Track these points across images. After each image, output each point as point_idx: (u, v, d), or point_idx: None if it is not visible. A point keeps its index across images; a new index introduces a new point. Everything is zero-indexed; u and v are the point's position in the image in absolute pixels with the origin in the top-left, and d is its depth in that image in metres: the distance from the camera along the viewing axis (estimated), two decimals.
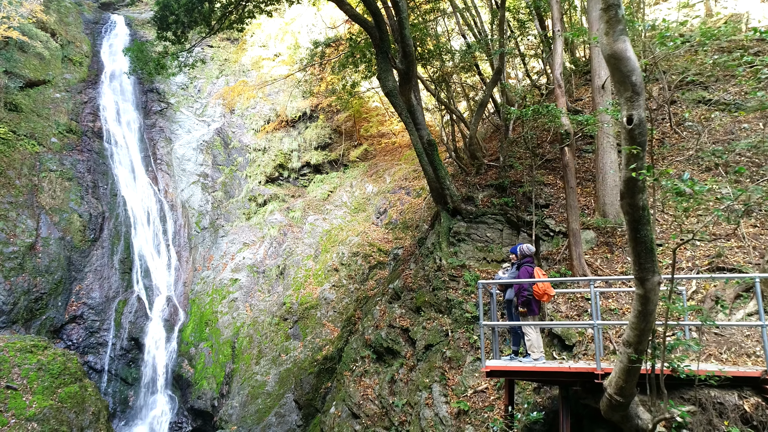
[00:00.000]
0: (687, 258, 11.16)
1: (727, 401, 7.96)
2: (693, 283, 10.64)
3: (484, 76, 19.37)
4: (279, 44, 36.81)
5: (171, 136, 35.23)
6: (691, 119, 16.13)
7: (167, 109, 36.18)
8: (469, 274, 14.44)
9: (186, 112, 36.44)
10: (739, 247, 11.12)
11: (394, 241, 25.62)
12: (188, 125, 35.85)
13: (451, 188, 15.27)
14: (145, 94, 36.06)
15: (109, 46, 36.38)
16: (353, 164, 33.38)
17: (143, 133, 34.58)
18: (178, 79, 36.84)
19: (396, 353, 15.06)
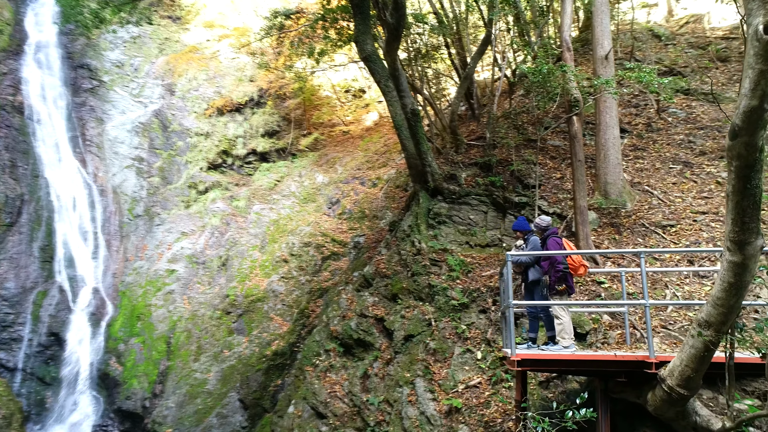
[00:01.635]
0: (706, 240, 10.04)
1: None
2: (719, 264, 9.49)
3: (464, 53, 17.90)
4: (227, 21, 34.02)
5: (103, 116, 31.69)
6: (675, 106, 15.33)
7: (99, 87, 32.55)
8: (453, 259, 12.82)
9: (121, 92, 32.94)
10: None
11: (349, 231, 23.73)
12: (123, 105, 32.40)
13: (433, 165, 13.62)
14: (75, 70, 32.30)
15: (34, 15, 32.41)
16: (302, 153, 31.15)
17: (71, 111, 30.86)
18: (112, 55, 33.42)
19: (369, 345, 13.18)
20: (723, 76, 17.14)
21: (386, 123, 30.91)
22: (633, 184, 12.03)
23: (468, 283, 12.25)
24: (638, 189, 11.96)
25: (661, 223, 10.65)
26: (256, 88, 31.79)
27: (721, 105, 15.41)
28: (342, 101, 33.18)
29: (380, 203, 23.10)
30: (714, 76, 17.02)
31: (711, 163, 12.71)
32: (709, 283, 9.19)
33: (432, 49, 19.02)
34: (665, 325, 8.55)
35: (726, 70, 17.61)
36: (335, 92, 33.10)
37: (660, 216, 10.88)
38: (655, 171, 12.69)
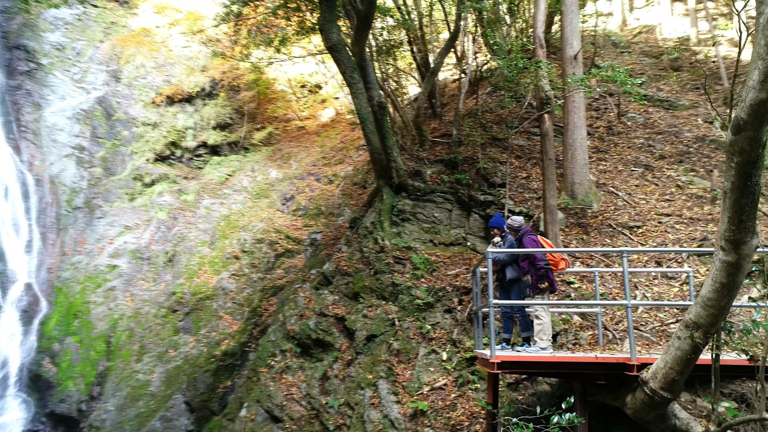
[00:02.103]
0: (672, 241, 10.05)
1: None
2: (684, 265, 9.50)
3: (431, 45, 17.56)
4: (179, 5, 32.59)
5: (41, 101, 29.70)
6: (633, 111, 15.53)
7: (37, 70, 30.50)
8: (418, 257, 12.43)
9: (61, 76, 30.95)
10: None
11: (304, 228, 23.04)
12: (63, 91, 30.46)
13: (398, 161, 13.20)
14: (10, 51, 30.13)
15: None
16: (256, 148, 30.14)
17: (5, 94, 28.78)
18: (52, 37, 31.44)
19: (328, 346, 12.62)
20: (676, 84, 17.55)
21: (343, 120, 30.34)
22: (598, 185, 12.00)
23: (433, 282, 11.89)
24: (603, 190, 11.94)
25: (627, 224, 10.63)
26: (209, 79, 30.56)
27: (676, 112, 15.74)
28: (298, 96, 32.35)
29: (337, 200, 22.52)
30: (668, 84, 17.39)
31: (671, 167, 12.87)
32: (677, 285, 9.17)
33: (394, 46, 18.65)
34: (637, 327, 8.44)
35: (679, 78, 18.05)
36: (291, 87, 32.23)
37: (626, 217, 10.86)
38: (618, 173, 12.73)
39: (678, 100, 16.24)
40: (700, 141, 13.79)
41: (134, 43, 31.52)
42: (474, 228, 13.03)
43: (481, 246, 12.89)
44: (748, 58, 4.93)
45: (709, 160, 13.02)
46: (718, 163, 12.81)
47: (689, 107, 15.91)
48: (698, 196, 11.51)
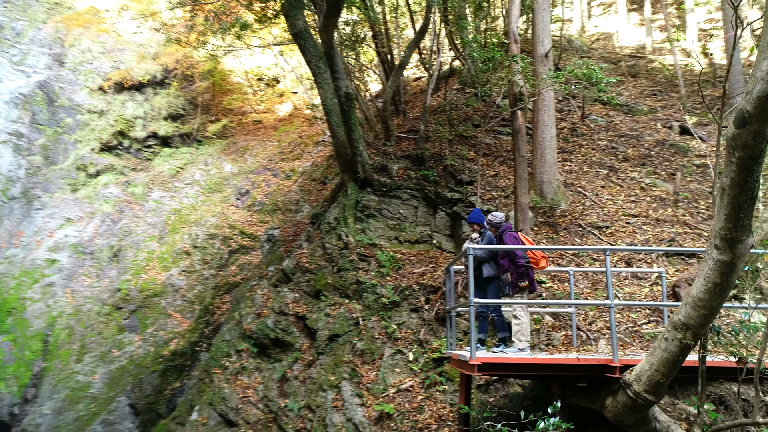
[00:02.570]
0: (641, 242, 9.99)
1: (752, 397, 6.60)
2: (654, 266, 9.44)
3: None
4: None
5: None
6: (595, 114, 15.62)
7: None
8: (383, 254, 11.99)
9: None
10: (686, 232, 10.25)
11: (260, 224, 22.25)
12: (0, 73, 28.51)
13: (364, 155, 12.73)
14: None
15: None
16: (209, 140, 28.99)
17: None
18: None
19: (288, 346, 12.01)
20: (635, 89, 17.82)
21: (301, 115, 29.59)
22: (566, 184, 11.91)
23: (399, 280, 11.48)
24: (571, 190, 11.84)
25: (596, 224, 10.54)
26: (161, 67, 29.18)
27: (635, 116, 15.93)
28: (255, 89, 31.37)
29: (295, 196, 21.83)
30: (627, 89, 17.64)
31: (634, 169, 12.94)
32: (647, 285, 9.09)
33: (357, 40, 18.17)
34: (610, 327, 8.26)
35: (636, 84, 18.35)
36: (248, 79, 31.21)
37: (595, 217, 10.78)
38: (584, 174, 12.68)
39: (637, 105, 16.47)
40: (660, 145, 13.96)
41: (80, 25, 29.75)
42: (440, 226, 12.71)
43: (447, 244, 12.58)
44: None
45: (669, 163, 13.18)
46: (678, 166, 12.97)
47: (648, 112, 16.15)
48: (662, 198, 11.57)
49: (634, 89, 17.54)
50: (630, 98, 16.77)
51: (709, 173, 12.82)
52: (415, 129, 14.12)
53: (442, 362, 9.96)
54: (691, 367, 6.08)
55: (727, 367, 6.37)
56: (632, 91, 17.39)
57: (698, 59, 16.14)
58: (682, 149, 13.81)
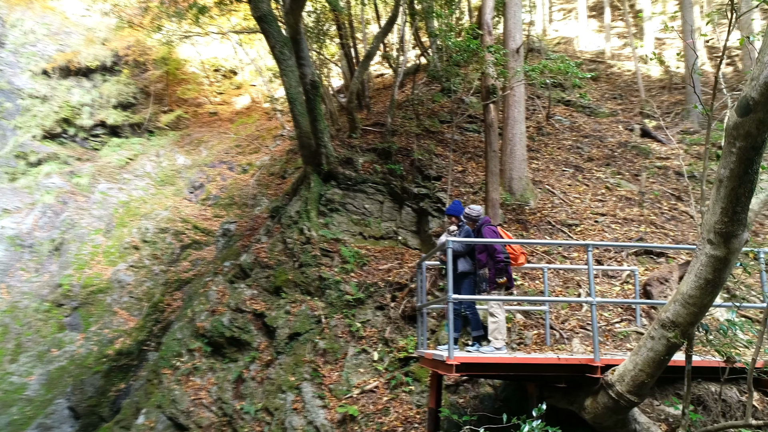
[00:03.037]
0: (611, 240, 9.85)
1: (729, 397, 6.45)
2: (624, 265, 9.30)
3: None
4: None
5: None
6: (559, 114, 15.58)
7: None
8: (347, 250, 11.47)
9: None
10: (653, 232, 10.20)
11: (214, 218, 21.31)
12: None
13: (329, 147, 12.18)
14: None
15: None
16: (162, 131, 27.68)
17: None
18: None
19: (244, 345, 11.32)
20: (597, 92, 17.95)
21: (260, 108, 28.68)
22: (534, 182, 11.71)
23: (364, 276, 10.99)
24: (539, 188, 11.66)
25: (566, 222, 10.36)
26: (111, 53, 27.69)
27: (597, 118, 15.99)
28: (211, 80, 30.22)
29: (252, 190, 21.00)
30: (589, 92, 17.73)
31: (599, 169, 12.89)
32: (618, 284, 8.93)
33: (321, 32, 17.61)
34: (583, 326, 8.05)
35: (598, 87, 18.50)
36: (204, 69, 30.04)
37: (564, 215, 10.60)
38: (551, 172, 12.54)
39: (599, 107, 16.56)
40: (623, 146, 14.01)
41: (22, 5, 27.87)
42: (406, 222, 12.30)
43: (413, 241, 12.18)
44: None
45: (632, 164, 13.21)
46: (641, 168, 13.02)
47: (609, 114, 16.25)
48: (627, 198, 11.54)
49: (595, 92, 17.66)
50: (592, 100, 16.85)
51: (671, 175, 12.93)
52: (381, 122, 13.67)
53: (409, 362, 9.54)
54: (671, 366, 5.84)
55: (705, 367, 6.21)
56: (594, 93, 17.49)
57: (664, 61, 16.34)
58: (644, 151, 13.89)
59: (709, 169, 11.85)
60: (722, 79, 14.41)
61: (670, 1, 25.76)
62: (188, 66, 30.26)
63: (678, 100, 17.19)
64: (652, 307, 8.24)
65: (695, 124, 15.42)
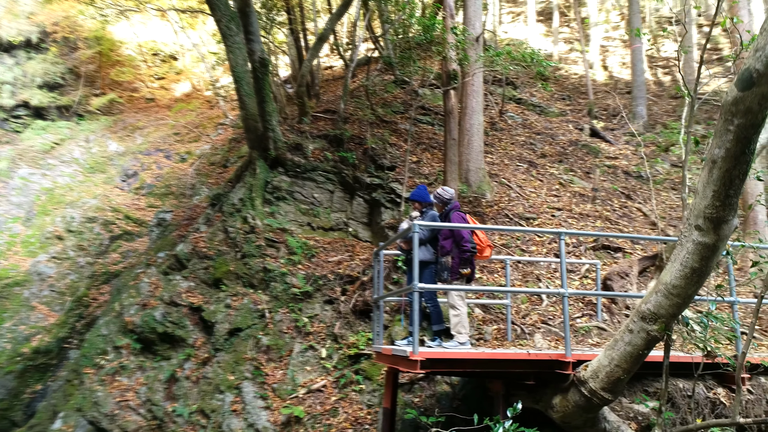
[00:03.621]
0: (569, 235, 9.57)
1: (697, 393, 6.19)
2: (583, 259, 9.02)
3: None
4: None
5: None
6: (512, 111, 15.38)
7: None
8: (294, 240, 10.69)
9: None
10: (609, 227, 10.02)
11: (148, 208, 19.87)
12: None
13: (277, 131, 11.35)
14: None
15: None
16: (93, 115, 25.74)
17: None
18: None
19: (179, 341, 10.30)
20: (546, 92, 17.95)
21: (201, 96, 27.22)
22: (490, 175, 11.33)
23: (312, 269, 10.24)
24: (495, 180, 11.30)
25: (524, 216, 10.02)
26: (37, 28, 25.51)
27: (548, 117, 15.93)
28: (149, 64, 28.42)
29: (191, 180, 19.71)
30: (539, 92, 17.71)
31: (552, 165, 12.72)
32: (577, 278, 8.64)
33: (270, 20, 16.68)
34: (545, 321, 7.67)
35: (549, 89, 18.52)
36: (141, 53, 28.21)
37: (521, 208, 10.26)
38: (505, 166, 12.23)
39: (549, 107, 16.52)
40: (573, 145, 13.94)
41: None
42: (357, 213, 11.65)
43: (364, 233, 11.55)
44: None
45: (583, 162, 13.14)
46: (592, 166, 12.95)
47: (559, 114, 16.23)
48: (581, 194, 11.37)
49: (545, 92, 17.64)
50: (542, 100, 16.79)
51: (620, 174, 12.94)
52: (333, 110, 12.96)
53: (359, 359, 8.89)
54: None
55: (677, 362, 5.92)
56: (544, 94, 17.47)
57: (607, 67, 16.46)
58: (594, 150, 13.88)
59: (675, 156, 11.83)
60: (659, 89, 14.39)
61: (613, 11, 26.44)
62: (124, 48, 28.34)
63: (623, 103, 17.43)
64: (613, 302, 7.98)
65: (641, 126, 15.62)
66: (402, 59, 11.69)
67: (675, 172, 13.55)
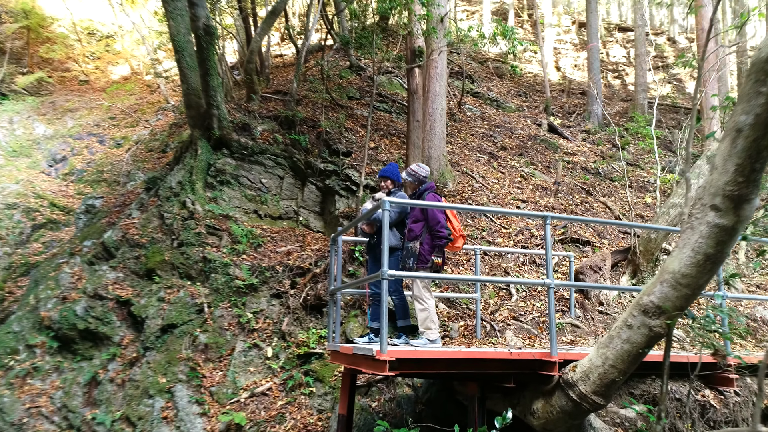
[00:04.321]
0: (535, 227, 8.93)
1: (684, 396, 5.61)
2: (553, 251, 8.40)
3: None
4: None
5: None
6: (470, 104, 14.79)
7: None
8: (239, 228, 9.58)
9: None
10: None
11: (77, 195, 18.10)
12: None
13: (222, 108, 10.20)
14: None
15: None
16: (18, 95, 23.45)
17: None
18: None
19: (103, 339, 8.98)
20: (503, 88, 17.52)
21: (141, 80, 25.36)
22: (452, 164, 10.61)
23: (258, 259, 9.18)
24: (457, 170, 10.58)
25: (488, 206, 9.33)
26: None
27: (505, 112, 15.45)
28: (84, 44, 26.24)
29: (126, 166, 18.08)
30: (496, 87, 17.25)
31: (513, 158, 12.18)
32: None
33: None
34: (516, 317, 6.97)
35: (503, 84, 18.11)
36: (76, 32, 26.01)
37: (485, 199, 9.58)
38: (466, 157, 11.56)
39: (506, 102, 16.06)
40: (532, 139, 13.48)
41: None
42: (309, 201, 10.66)
43: (316, 222, 10.57)
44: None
45: (543, 156, 12.68)
46: (552, 160, 12.50)
47: (516, 110, 15.79)
48: (543, 187, 10.84)
49: (502, 88, 17.20)
50: (499, 95, 16.32)
51: (578, 170, 12.55)
52: (284, 91, 11.91)
53: (309, 359, 7.93)
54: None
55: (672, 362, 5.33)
56: (500, 89, 17.01)
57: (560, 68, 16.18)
58: (552, 145, 13.45)
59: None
60: (609, 91, 13.92)
61: (564, 14, 26.54)
62: (56, 25, 26.08)
63: (577, 103, 17.22)
64: (586, 297, 7.38)
65: (595, 125, 15.39)
66: (360, 39, 10.79)
67: (631, 170, 13.32)
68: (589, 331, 6.80)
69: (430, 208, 5.39)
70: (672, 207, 7.43)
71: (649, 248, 7.48)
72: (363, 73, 13.90)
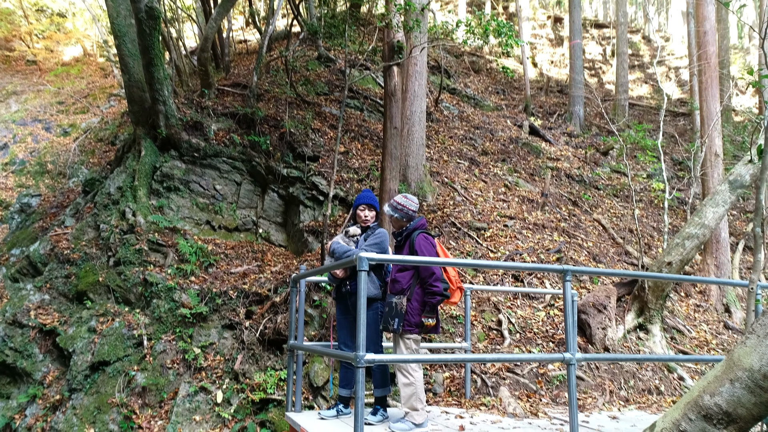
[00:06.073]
0: (525, 250, 7.75)
1: None
2: (546, 283, 7.24)
3: None
4: None
5: None
6: (447, 102, 13.51)
7: None
8: (187, 244, 8.10)
9: None
10: (569, 242, 8.34)
11: (16, 188, 16.12)
12: None
13: (170, 103, 8.64)
14: None
15: None
16: None
17: None
18: None
19: (21, 376, 7.45)
20: (480, 84, 16.31)
21: (93, 62, 23.18)
22: (431, 173, 9.35)
23: (209, 282, 7.76)
24: (437, 180, 9.32)
25: (473, 225, 8.11)
26: None
27: (484, 111, 14.27)
28: (31, 21, 23.77)
29: (72, 157, 16.19)
30: (473, 83, 16.02)
31: (495, 164, 10.99)
32: (542, 307, 6.84)
33: None
34: (510, 369, 5.80)
35: (480, 80, 16.90)
36: (22, 7, 23.52)
37: (469, 216, 8.35)
38: (445, 163, 10.32)
39: (484, 100, 14.86)
40: (514, 142, 12.33)
41: None
42: (270, 211, 9.25)
43: (278, 235, 9.18)
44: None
45: (527, 162, 11.54)
46: (535, 166, 11.37)
47: (494, 108, 14.61)
48: (529, 199, 9.70)
49: (479, 84, 15.98)
50: (477, 92, 15.09)
51: (563, 177, 11.47)
52: (244, 84, 10.38)
53: (267, 406, 6.61)
54: None
55: None
56: (478, 85, 15.79)
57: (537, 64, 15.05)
58: (535, 150, 12.34)
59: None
60: (589, 89, 12.83)
61: (539, 9, 25.45)
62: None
63: (556, 102, 16.14)
64: (589, 342, 6.26)
65: (578, 127, 14.35)
66: (329, 28, 9.36)
67: (616, 177, 12.33)
68: (595, 384, 5.68)
69: (428, 254, 4.10)
70: (688, 238, 6.36)
71: (659, 283, 6.42)
72: (332, 66, 12.44)
